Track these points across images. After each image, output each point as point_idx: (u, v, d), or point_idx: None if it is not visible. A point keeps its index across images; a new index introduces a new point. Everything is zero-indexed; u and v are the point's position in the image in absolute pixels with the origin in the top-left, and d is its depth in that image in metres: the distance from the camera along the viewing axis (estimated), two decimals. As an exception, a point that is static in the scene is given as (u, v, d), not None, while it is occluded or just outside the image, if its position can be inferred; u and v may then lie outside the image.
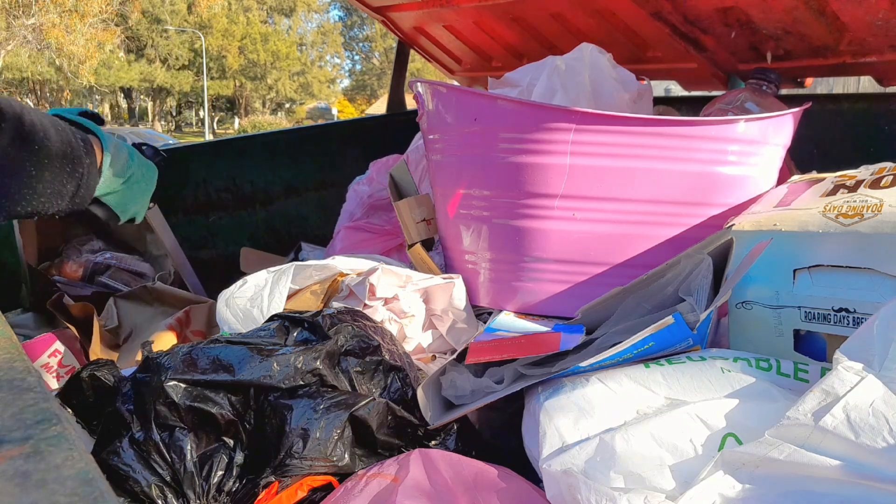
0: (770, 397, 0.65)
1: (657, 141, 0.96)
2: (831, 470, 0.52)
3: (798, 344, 0.83)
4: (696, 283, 0.80)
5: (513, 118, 1.00)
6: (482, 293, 1.13)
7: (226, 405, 0.76)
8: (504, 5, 1.65)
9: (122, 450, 0.74)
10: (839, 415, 0.54)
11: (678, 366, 0.71)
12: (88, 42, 20.78)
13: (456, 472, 0.67)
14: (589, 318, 0.94)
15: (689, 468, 0.59)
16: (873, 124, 1.46)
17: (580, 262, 1.03)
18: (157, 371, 0.77)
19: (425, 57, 2.18)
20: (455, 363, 0.87)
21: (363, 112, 32.39)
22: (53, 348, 1.15)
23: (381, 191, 1.61)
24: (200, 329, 1.32)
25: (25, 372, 0.41)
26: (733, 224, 0.86)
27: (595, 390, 0.69)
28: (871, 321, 0.61)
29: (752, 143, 1.00)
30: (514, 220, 1.04)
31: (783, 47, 1.38)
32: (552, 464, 0.62)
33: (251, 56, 31.71)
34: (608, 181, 0.98)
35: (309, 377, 0.78)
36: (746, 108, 1.23)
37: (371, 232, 1.51)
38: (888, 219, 0.74)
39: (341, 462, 0.74)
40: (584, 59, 1.27)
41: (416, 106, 1.22)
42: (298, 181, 2.08)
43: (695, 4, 1.35)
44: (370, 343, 0.85)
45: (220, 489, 0.74)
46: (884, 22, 1.18)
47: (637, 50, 1.60)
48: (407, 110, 2.29)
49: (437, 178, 1.19)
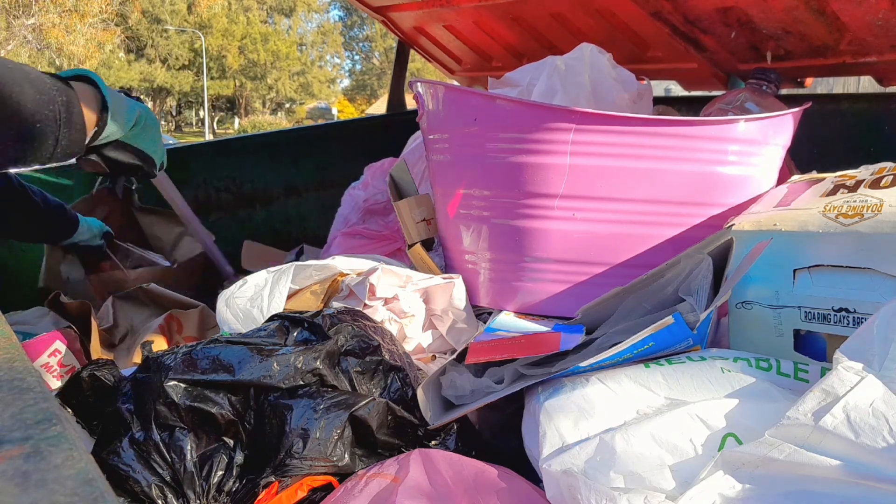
0: (770, 397, 0.65)
1: (657, 141, 0.96)
2: (831, 470, 0.52)
3: (798, 344, 0.83)
4: (696, 283, 0.80)
5: (513, 118, 1.00)
6: (482, 293, 1.13)
7: (226, 405, 0.76)
8: (504, 5, 1.65)
9: (122, 450, 0.74)
10: (839, 415, 0.54)
11: (678, 366, 0.71)
12: (88, 42, 20.79)
13: (456, 472, 0.67)
14: (589, 318, 0.94)
15: (689, 468, 0.59)
16: (873, 124, 1.46)
17: (580, 262, 1.03)
18: (157, 371, 0.77)
19: (425, 57, 2.18)
20: (455, 363, 0.87)
21: (363, 112, 32.40)
22: (53, 348, 1.15)
23: (376, 195, 1.60)
24: (192, 335, 1.33)
25: (25, 372, 0.41)
26: (733, 224, 0.86)
27: (595, 390, 0.69)
28: (871, 321, 0.61)
29: (752, 143, 1.00)
30: (514, 220, 1.04)
31: (783, 47, 1.38)
32: (552, 464, 0.62)
33: (251, 56, 31.71)
34: (608, 181, 0.98)
35: (309, 377, 0.78)
36: (746, 108, 1.23)
37: (368, 237, 1.51)
38: (888, 219, 0.74)
39: (341, 462, 0.74)
40: (584, 59, 1.27)
41: (416, 106, 1.22)
42: (298, 181, 2.08)
43: (695, 4, 1.35)
44: (370, 343, 0.85)
45: (220, 489, 0.74)
46: (884, 22, 1.18)
47: (637, 50, 1.60)
48: (407, 110, 2.29)
49: (437, 178, 1.19)
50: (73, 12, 20.15)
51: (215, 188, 1.93)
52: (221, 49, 30.68)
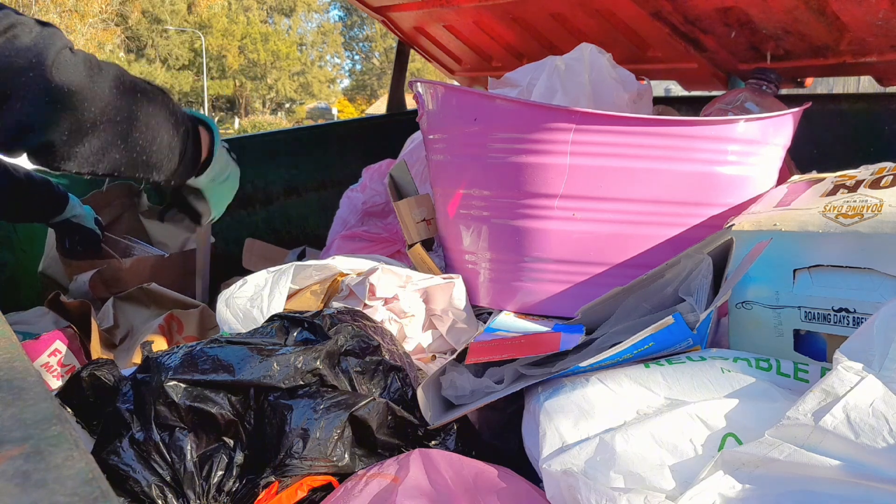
0: (770, 397, 0.65)
1: (657, 141, 0.96)
2: (831, 470, 0.52)
3: (798, 344, 0.83)
4: (696, 283, 0.80)
5: (513, 118, 1.00)
6: (482, 293, 1.13)
7: (226, 405, 0.76)
8: (504, 5, 1.65)
9: (122, 450, 0.74)
10: (839, 415, 0.54)
11: (678, 366, 0.71)
12: (88, 42, 20.77)
13: (456, 472, 0.67)
14: (589, 318, 0.94)
15: (689, 468, 0.59)
16: (873, 124, 1.46)
17: (580, 262, 1.03)
18: (157, 371, 0.77)
19: (425, 57, 2.18)
20: (455, 363, 0.87)
21: (363, 112, 32.37)
22: (53, 348, 1.15)
23: (374, 197, 1.60)
24: (193, 335, 1.33)
25: (25, 372, 0.41)
26: (733, 224, 0.86)
27: (595, 390, 0.69)
28: (871, 321, 0.61)
29: (751, 143, 1.00)
30: (514, 220, 1.04)
31: (783, 47, 1.38)
32: (552, 464, 0.62)
33: (251, 56, 31.71)
34: (608, 181, 0.98)
35: (309, 377, 0.78)
36: (746, 108, 1.23)
37: (368, 240, 1.50)
38: (888, 219, 0.74)
39: (341, 462, 0.74)
40: (584, 59, 1.27)
41: (416, 106, 1.22)
42: (298, 181, 2.08)
43: (695, 4, 1.35)
44: (370, 343, 0.85)
45: (220, 489, 0.73)
46: (884, 22, 1.18)
47: (637, 50, 1.60)
48: (407, 110, 2.29)
49: (437, 178, 1.19)
50: (73, 12, 20.14)
51: (215, 188, 1.93)
52: (221, 49, 30.67)
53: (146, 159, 0.89)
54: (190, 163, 0.99)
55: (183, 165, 0.97)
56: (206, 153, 1.04)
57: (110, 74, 0.84)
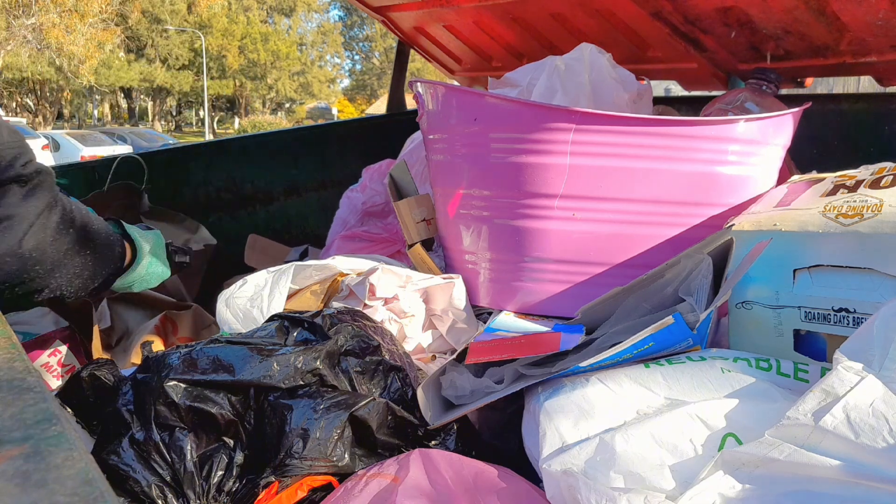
0: (770, 397, 0.65)
1: (657, 141, 0.96)
2: (831, 470, 0.52)
3: (798, 344, 0.83)
4: (696, 283, 0.80)
5: (513, 118, 1.00)
6: (482, 293, 1.13)
7: (226, 405, 0.76)
8: (504, 5, 1.65)
9: (122, 450, 0.74)
10: (839, 415, 0.54)
11: (678, 366, 0.71)
12: (88, 42, 20.76)
13: (456, 472, 0.67)
14: (589, 318, 0.94)
15: (689, 468, 0.59)
16: (873, 124, 1.46)
17: (580, 262, 1.03)
18: (157, 371, 0.77)
19: (425, 57, 2.18)
20: (455, 363, 0.87)
21: (363, 112, 32.38)
22: (53, 348, 1.15)
23: (374, 197, 1.60)
24: (187, 335, 1.33)
25: (25, 372, 0.41)
26: (733, 224, 0.86)
27: (595, 390, 0.69)
28: (871, 321, 0.61)
29: (752, 143, 1.00)
30: (514, 220, 1.04)
31: (783, 47, 1.38)
32: (552, 464, 0.62)
33: (251, 56, 31.68)
34: (608, 181, 0.98)
35: (309, 377, 0.78)
36: (746, 108, 1.23)
37: (368, 240, 1.50)
38: (888, 219, 0.74)
39: (341, 462, 0.74)
40: (584, 59, 1.27)
41: (416, 106, 1.22)
42: (298, 181, 2.08)
43: (695, 4, 1.35)
44: (370, 343, 0.85)
45: (220, 489, 0.73)
46: (884, 22, 1.18)
47: (637, 50, 1.60)
48: (407, 110, 2.29)
49: (437, 179, 1.19)
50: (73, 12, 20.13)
51: (215, 188, 1.93)
52: (221, 49, 30.66)
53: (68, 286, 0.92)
54: (104, 285, 1.01)
55: (107, 283, 1.00)
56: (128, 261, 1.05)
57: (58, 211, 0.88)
